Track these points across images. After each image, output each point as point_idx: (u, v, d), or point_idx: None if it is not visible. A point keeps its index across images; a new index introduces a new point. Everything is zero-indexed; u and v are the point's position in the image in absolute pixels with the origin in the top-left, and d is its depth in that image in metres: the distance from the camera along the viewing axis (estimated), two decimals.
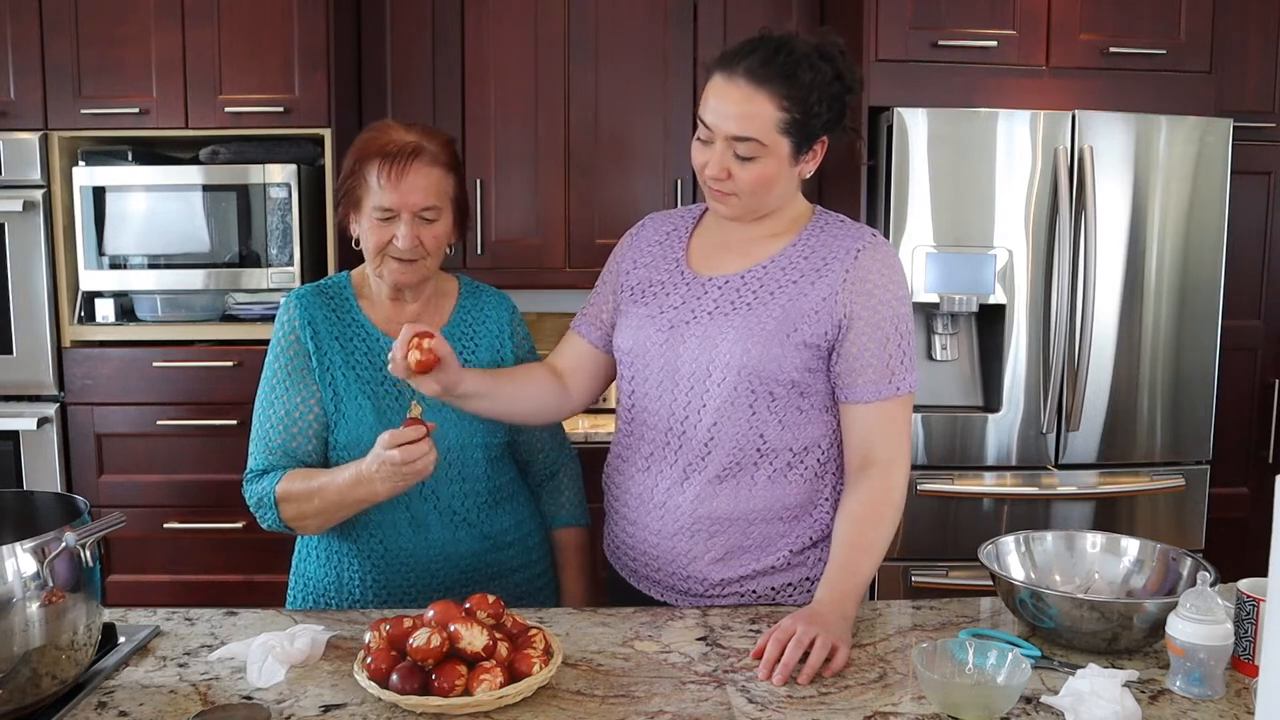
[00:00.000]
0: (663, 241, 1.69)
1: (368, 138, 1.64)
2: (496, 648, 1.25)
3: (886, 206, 2.70)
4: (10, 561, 1.14)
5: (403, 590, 1.68)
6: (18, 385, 2.91)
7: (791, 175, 1.54)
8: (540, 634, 1.31)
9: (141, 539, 2.91)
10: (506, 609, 1.35)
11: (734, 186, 1.50)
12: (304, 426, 1.65)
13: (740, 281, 1.56)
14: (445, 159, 1.64)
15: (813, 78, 1.46)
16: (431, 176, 1.61)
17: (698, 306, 1.57)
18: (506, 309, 1.81)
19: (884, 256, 1.55)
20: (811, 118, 1.48)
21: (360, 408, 1.66)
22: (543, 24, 3.14)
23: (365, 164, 1.61)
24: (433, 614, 1.27)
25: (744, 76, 1.46)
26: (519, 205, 3.19)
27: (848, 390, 1.53)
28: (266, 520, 1.63)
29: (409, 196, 1.59)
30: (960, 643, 1.27)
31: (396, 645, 1.25)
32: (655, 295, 1.63)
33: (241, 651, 1.34)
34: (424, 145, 1.61)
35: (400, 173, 1.58)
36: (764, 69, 1.45)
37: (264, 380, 1.70)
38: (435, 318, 1.75)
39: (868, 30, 2.72)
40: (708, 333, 1.54)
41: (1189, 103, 2.77)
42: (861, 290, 1.51)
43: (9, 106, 2.87)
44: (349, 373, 1.67)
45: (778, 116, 1.46)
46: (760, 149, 1.47)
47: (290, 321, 1.69)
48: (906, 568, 2.75)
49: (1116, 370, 2.75)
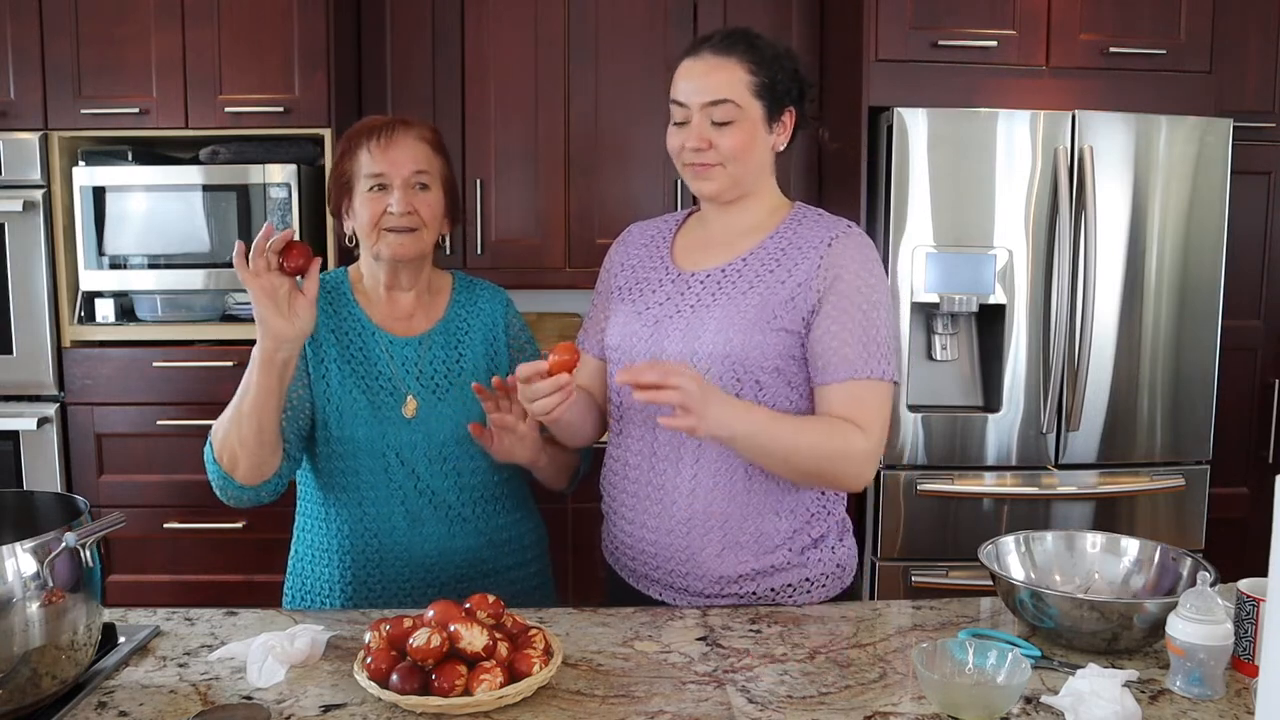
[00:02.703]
0: (648, 244, 1.72)
1: (355, 126, 1.71)
2: (496, 648, 1.25)
3: (886, 206, 2.70)
4: (10, 561, 1.14)
5: (398, 587, 1.68)
6: (18, 385, 2.90)
7: (766, 146, 1.59)
8: (540, 634, 1.31)
9: (141, 539, 2.91)
10: (506, 609, 1.35)
11: (716, 156, 1.55)
12: (284, 415, 1.63)
13: (721, 275, 1.59)
14: (430, 138, 1.70)
15: (773, 50, 1.58)
16: (419, 149, 1.67)
17: (681, 301, 1.60)
18: (501, 302, 1.82)
19: (857, 245, 1.57)
20: (777, 83, 1.56)
21: (355, 402, 1.66)
22: (543, 24, 3.14)
23: (354, 142, 1.67)
24: (433, 614, 1.27)
25: (709, 51, 1.56)
26: (519, 205, 3.19)
27: (820, 373, 1.54)
28: (213, 477, 1.60)
29: (399, 163, 1.64)
30: (960, 643, 1.27)
31: (396, 645, 1.25)
32: (641, 293, 1.66)
33: (241, 651, 1.34)
34: (409, 122, 1.69)
35: (389, 141, 1.64)
36: (726, 41, 1.56)
37: None
38: (431, 313, 1.76)
39: (868, 30, 2.72)
40: (690, 325, 1.56)
41: (1189, 103, 2.77)
42: (832, 275, 1.53)
43: (9, 106, 2.87)
44: (344, 367, 1.68)
45: (748, 79, 1.54)
46: (736, 110, 1.53)
47: None
48: (906, 568, 2.75)
49: (1116, 370, 2.75)
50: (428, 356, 1.72)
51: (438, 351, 1.73)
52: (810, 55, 3.16)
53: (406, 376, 1.70)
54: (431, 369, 1.72)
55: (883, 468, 2.73)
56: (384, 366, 1.70)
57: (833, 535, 1.63)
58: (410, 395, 1.69)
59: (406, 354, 1.72)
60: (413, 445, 1.67)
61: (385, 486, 1.67)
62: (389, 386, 1.68)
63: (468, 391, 1.69)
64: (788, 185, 3.17)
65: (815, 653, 1.38)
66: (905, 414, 2.72)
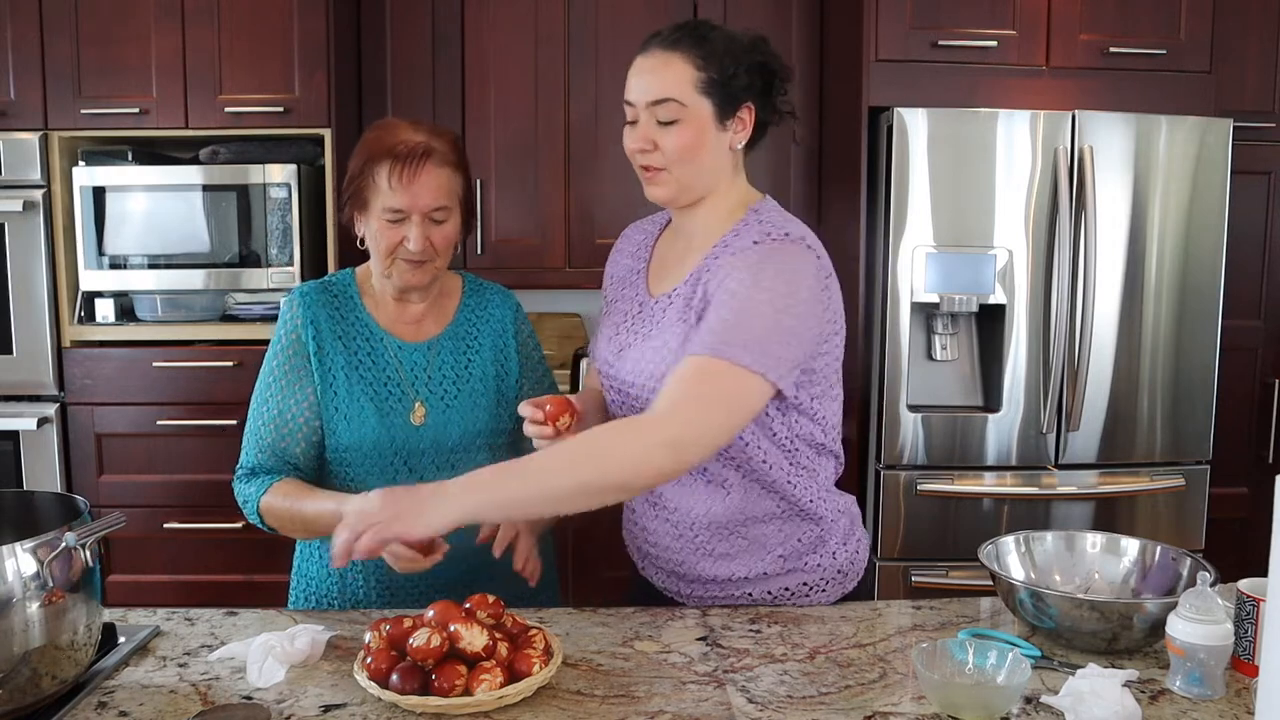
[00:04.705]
0: (634, 254, 1.69)
1: (375, 137, 1.62)
2: (496, 648, 1.24)
3: (886, 206, 2.71)
4: (10, 561, 1.14)
5: (405, 590, 1.68)
6: (18, 385, 2.90)
7: (720, 145, 1.49)
8: (540, 634, 1.30)
9: (141, 539, 2.91)
10: (506, 609, 1.35)
11: (661, 159, 1.48)
12: (294, 429, 1.65)
13: (667, 301, 1.54)
14: (453, 158, 1.63)
15: (726, 43, 1.48)
16: (441, 177, 1.60)
17: (640, 327, 1.57)
18: (510, 307, 1.80)
19: (764, 253, 1.43)
20: (729, 79, 1.46)
21: (363, 410, 1.65)
22: (543, 24, 3.13)
23: (375, 165, 1.59)
24: (432, 614, 1.26)
25: (657, 46, 1.50)
26: (519, 205, 3.19)
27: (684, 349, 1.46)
28: (253, 520, 1.64)
29: (420, 198, 1.58)
30: (960, 643, 1.27)
31: (396, 645, 1.25)
32: (614, 314, 1.65)
33: (241, 651, 1.34)
34: (434, 145, 1.59)
35: (412, 174, 1.57)
36: (675, 35, 1.49)
37: (261, 376, 1.69)
38: (439, 317, 1.75)
39: (868, 30, 2.73)
40: (640, 354, 1.53)
41: (1189, 103, 2.77)
42: (718, 274, 1.45)
43: (9, 106, 2.87)
44: (352, 374, 1.67)
45: (694, 75, 1.46)
46: (680, 109, 1.45)
47: (293, 319, 1.68)
48: (906, 568, 2.75)
49: (1116, 370, 2.75)
50: (436, 362, 1.71)
51: (446, 357, 1.72)
52: (810, 55, 3.16)
53: (415, 383, 1.69)
54: (440, 374, 1.71)
55: (883, 468, 2.73)
56: (392, 372, 1.68)
57: (834, 540, 1.60)
58: (419, 402, 1.67)
59: (415, 359, 1.70)
60: (420, 452, 1.67)
61: None
62: (397, 393, 1.67)
63: (476, 397, 1.70)
64: (788, 185, 3.23)
65: (815, 653, 1.38)
66: (905, 414, 2.72)
